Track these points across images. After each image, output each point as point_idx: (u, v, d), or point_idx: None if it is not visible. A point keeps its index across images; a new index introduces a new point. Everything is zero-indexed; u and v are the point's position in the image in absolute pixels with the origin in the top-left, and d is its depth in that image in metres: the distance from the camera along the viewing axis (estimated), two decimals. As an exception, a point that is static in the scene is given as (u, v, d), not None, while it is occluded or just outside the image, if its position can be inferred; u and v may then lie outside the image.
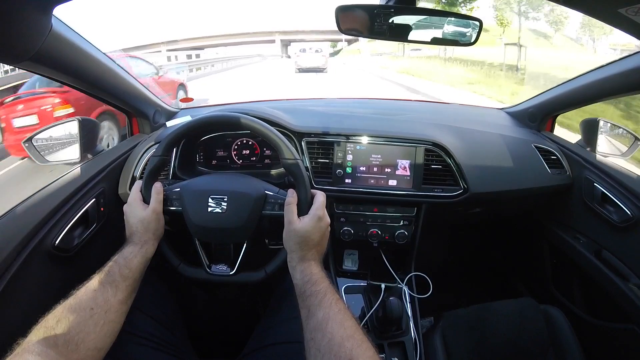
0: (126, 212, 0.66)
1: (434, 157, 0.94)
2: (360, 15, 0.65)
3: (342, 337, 0.48)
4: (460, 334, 0.86)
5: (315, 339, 0.49)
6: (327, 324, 0.50)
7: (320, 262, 0.61)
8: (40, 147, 0.89)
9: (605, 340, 0.93)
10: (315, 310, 0.52)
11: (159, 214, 0.66)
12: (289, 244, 0.61)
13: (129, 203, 0.66)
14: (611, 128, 1.06)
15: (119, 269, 0.57)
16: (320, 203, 0.64)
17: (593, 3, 0.50)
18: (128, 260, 0.59)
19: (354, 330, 0.49)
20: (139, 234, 0.63)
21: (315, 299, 0.53)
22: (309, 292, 0.55)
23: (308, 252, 0.60)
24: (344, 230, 0.98)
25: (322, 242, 0.63)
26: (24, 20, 0.51)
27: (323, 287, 0.55)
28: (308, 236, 0.60)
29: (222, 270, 0.70)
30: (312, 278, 0.57)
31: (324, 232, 0.63)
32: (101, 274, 0.56)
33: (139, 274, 0.60)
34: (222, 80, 12.38)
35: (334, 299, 0.53)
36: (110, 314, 0.53)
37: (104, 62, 0.82)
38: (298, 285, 0.58)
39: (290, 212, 0.62)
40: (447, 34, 0.68)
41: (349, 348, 0.46)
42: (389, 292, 0.95)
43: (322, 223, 0.62)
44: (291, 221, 0.61)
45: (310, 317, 0.52)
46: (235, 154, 1.02)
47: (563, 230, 1.07)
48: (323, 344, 0.48)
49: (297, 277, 0.59)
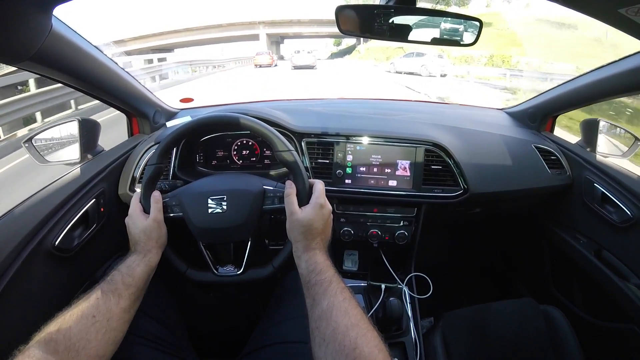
0: (128, 224, 0.66)
1: (434, 158, 0.94)
2: (360, 15, 0.65)
3: (346, 326, 0.47)
4: (461, 335, 0.86)
5: (319, 328, 0.49)
6: (332, 313, 0.49)
7: (325, 251, 0.61)
8: (40, 147, 0.89)
9: (605, 340, 0.93)
10: (320, 299, 0.52)
11: (160, 222, 0.65)
12: (293, 234, 0.61)
13: (130, 215, 0.66)
14: (611, 128, 1.06)
15: (121, 277, 0.57)
16: (320, 191, 0.63)
17: (593, 3, 0.50)
18: (131, 268, 0.59)
19: (359, 319, 0.49)
20: (142, 244, 0.63)
21: (320, 287, 0.53)
22: (313, 281, 0.55)
23: (312, 240, 0.60)
24: (344, 231, 0.98)
25: (325, 229, 0.62)
26: (24, 20, 0.51)
27: (328, 276, 0.55)
28: (311, 224, 0.60)
29: (230, 271, 0.70)
30: (317, 267, 0.56)
31: (327, 220, 0.63)
32: (104, 283, 0.56)
33: (142, 283, 0.60)
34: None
35: (339, 288, 0.53)
36: (113, 322, 0.53)
37: (104, 62, 0.82)
38: (303, 274, 0.57)
39: (290, 203, 0.62)
40: (447, 34, 0.68)
41: (354, 337, 0.46)
42: (389, 292, 0.95)
43: (324, 210, 0.62)
44: (293, 212, 0.61)
45: (315, 306, 0.52)
46: (235, 154, 1.02)
47: (563, 231, 1.07)
48: (328, 333, 0.48)
49: (302, 266, 0.58)
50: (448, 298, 1.01)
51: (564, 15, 12.78)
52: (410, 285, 0.99)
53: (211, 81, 12.77)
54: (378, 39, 0.70)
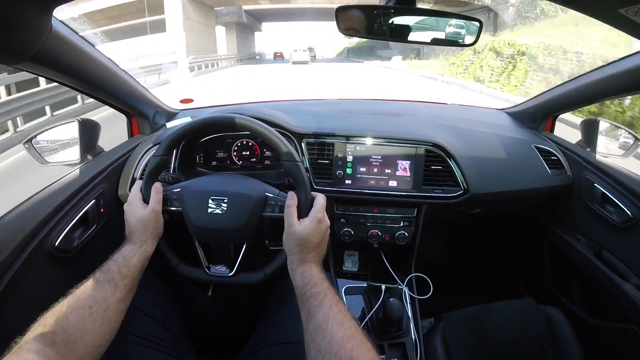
0: (126, 211, 0.67)
1: (434, 158, 0.94)
2: (360, 15, 0.65)
3: (342, 338, 0.48)
4: (461, 335, 0.86)
5: (315, 340, 0.49)
6: (327, 325, 0.50)
7: (320, 264, 0.62)
8: (40, 148, 0.89)
9: (605, 340, 0.93)
10: (315, 311, 0.52)
11: (158, 213, 0.66)
12: (289, 246, 0.61)
13: (129, 202, 0.67)
14: (611, 128, 1.06)
15: (117, 267, 0.57)
16: (320, 205, 0.64)
17: (593, 3, 0.50)
18: (127, 258, 0.59)
19: (354, 331, 0.49)
20: (137, 233, 0.63)
21: (316, 300, 0.54)
22: (309, 294, 0.55)
23: (308, 254, 0.60)
24: (344, 231, 0.98)
25: (322, 244, 0.63)
26: (24, 21, 0.51)
27: (323, 289, 0.55)
28: (308, 239, 0.60)
29: (221, 271, 0.70)
30: (312, 280, 0.57)
31: (324, 235, 0.63)
32: (100, 273, 0.56)
33: (137, 273, 0.60)
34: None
35: (334, 300, 0.53)
36: (109, 312, 0.53)
37: (103, 62, 0.82)
38: (298, 287, 0.58)
39: (290, 215, 0.62)
40: (447, 34, 0.68)
41: (349, 349, 0.46)
42: (389, 293, 0.94)
43: (322, 225, 0.63)
44: (291, 224, 0.61)
45: (310, 318, 0.52)
46: (235, 155, 1.02)
47: (563, 231, 1.07)
48: (323, 345, 0.48)
49: (297, 279, 0.59)
50: (448, 298, 1.00)
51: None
52: (410, 285, 0.99)
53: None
54: (378, 39, 0.70)
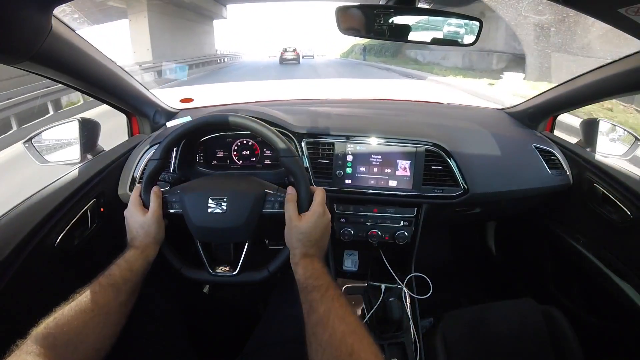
0: (127, 217, 0.66)
1: (434, 158, 0.94)
2: (360, 15, 0.65)
3: (343, 332, 0.48)
4: (460, 335, 0.86)
5: (316, 334, 0.49)
6: (329, 319, 0.50)
7: (322, 258, 0.62)
8: (40, 147, 0.89)
9: (605, 340, 0.93)
10: (317, 305, 0.52)
11: (159, 217, 0.66)
12: (291, 241, 0.61)
13: (129, 208, 0.66)
14: (611, 128, 1.06)
15: (120, 271, 0.57)
16: (321, 199, 0.64)
17: (593, 3, 0.50)
18: (130, 263, 0.59)
19: (356, 325, 0.49)
20: (139, 238, 0.63)
21: (317, 294, 0.54)
22: (310, 287, 0.55)
23: (310, 248, 0.60)
24: (344, 231, 0.98)
25: (323, 238, 0.63)
26: (24, 20, 0.51)
27: (325, 283, 0.55)
28: (309, 232, 0.60)
29: (224, 272, 0.70)
30: (314, 274, 0.57)
31: (326, 228, 0.63)
32: (103, 277, 0.56)
33: (140, 277, 0.60)
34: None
35: (335, 294, 0.53)
36: (111, 316, 0.53)
37: (103, 62, 0.82)
38: (300, 281, 0.58)
39: (290, 210, 0.62)
40: (447, 34, 0.68)
41: (351, 343, 0.46)
42: (389, 292, 0.94)
43: (323, 219, 0.63)
44: (292, 218, 0.61)
45: (312, 312, 0.52)
46: (235, 154, 1.02)
47: (563, 231, 1.07)
48: (324, 339, 0.48)
49: (299, 273, 0.59)
50: (448, 298, 1.01)
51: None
52: (410, 285, 0.99)
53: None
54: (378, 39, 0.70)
